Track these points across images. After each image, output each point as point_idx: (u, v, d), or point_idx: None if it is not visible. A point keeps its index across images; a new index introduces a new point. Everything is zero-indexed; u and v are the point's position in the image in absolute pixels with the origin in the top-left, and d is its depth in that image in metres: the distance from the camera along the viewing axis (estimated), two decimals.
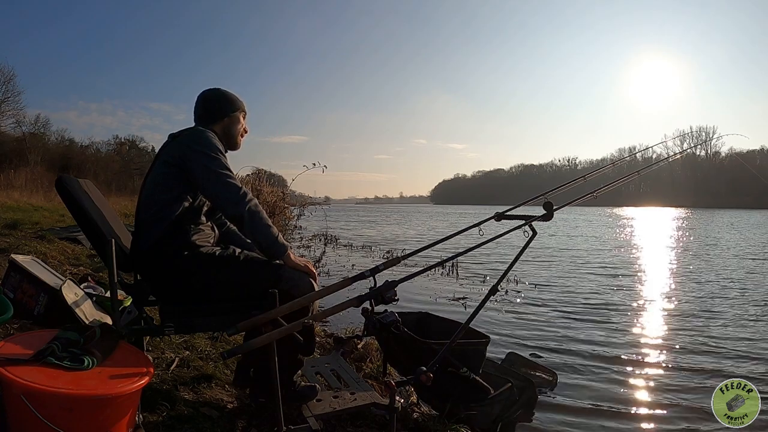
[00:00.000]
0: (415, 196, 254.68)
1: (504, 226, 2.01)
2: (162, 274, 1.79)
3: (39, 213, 8.55)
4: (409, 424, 2.17)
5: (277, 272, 1.81)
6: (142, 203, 1.84)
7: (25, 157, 25.15)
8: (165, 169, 1.82)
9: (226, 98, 2.03)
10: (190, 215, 1.84)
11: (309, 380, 2.17)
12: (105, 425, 1.31)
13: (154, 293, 1.84)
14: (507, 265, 1.92)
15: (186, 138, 1.84)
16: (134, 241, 1.84)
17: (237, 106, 2.05)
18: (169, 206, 1.79)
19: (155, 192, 1.81)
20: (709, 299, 6.24)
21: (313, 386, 2.03)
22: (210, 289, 1.80)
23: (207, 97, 2.03)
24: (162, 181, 1.81)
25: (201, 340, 2.70)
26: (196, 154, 1.77)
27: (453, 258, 2.13)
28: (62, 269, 3.75)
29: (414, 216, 39.38)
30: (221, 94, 2.04)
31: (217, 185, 1.76)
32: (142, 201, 1.85)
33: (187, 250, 1.79)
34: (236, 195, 1.75)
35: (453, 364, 2.14)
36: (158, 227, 1.77)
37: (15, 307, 2.26)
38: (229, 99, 2.04)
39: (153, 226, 1.78)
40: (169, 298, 1.81)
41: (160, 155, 1.87)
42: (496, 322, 4.85)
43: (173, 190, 1.80)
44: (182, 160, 1.79)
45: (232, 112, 2.03)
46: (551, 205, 1.87)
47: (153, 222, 1.78)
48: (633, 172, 2.69)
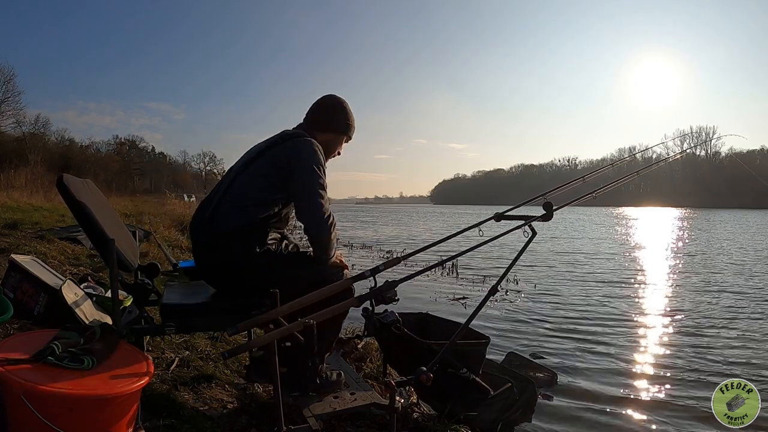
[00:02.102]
0: (415, 196, 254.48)
1: (504, 226, 2.01)
2: (224, 261, 1.83)
3: (39, 213, 8.54)
4: (409, 424, 2.17)
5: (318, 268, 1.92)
6: (234, 189, 1.87)
7: (25, 157, 25.19)
8: (271, 170, 1.86)
9: (344, 116, 2.06)
10: (275, 221, 1.91)
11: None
12: (105, 425, 1.31)
13: (204, 274, 1.91)
14: (507, 266, 1.92)
15: (299, 146, 1.87)
16: (208, 220, 1.86)
17: (347, 130, 2.09)
18: (259, 206, 1.85)
19: (251, 187, 1.86)
20: (710, 299, 6.24)
21: (339, 373, 2.12)
22: (264, 284, 1.81)
23: (329, 106, 2.06)
24: (262, 180, 1.86)
25: (201, 340, 2.70)
26: (304, 166, 1.83)
27: (453, 258, 2.13)
28: (62, 269, 3.75)
29: (414, 216, 39.36)
30: (344, 110, 2.07)
31: (311, 203, 1.83)
32: (233, 187, 1.87)
33: (259, 247, 1.84)
34: (322, 218, 1.83)
35: (453, 365, 2.14)
36: (241, 219, 1.82)
37: (15, 307, 2.26)
38: (346, 119, 2.07)
39: (236, 216, 1.82)
40: (216, 282, 1.90)
41: (266, 153, 1.89)
42: (496, 322, 4.85)
43: (269, 192, 1.86)
44: (289, 166, 1.84)
45: (341, 133, 2.07)
46: (551, 206, 1.87)
47: (239, 211, 1.82)
48: (633, 173, 2.70)
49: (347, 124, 2.08)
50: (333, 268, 1.97)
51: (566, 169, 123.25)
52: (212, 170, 66.42)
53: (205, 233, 1.87)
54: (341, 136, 2.08)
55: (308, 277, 1.92)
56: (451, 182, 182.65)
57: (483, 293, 4.64)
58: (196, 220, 1.95)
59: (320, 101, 2.07)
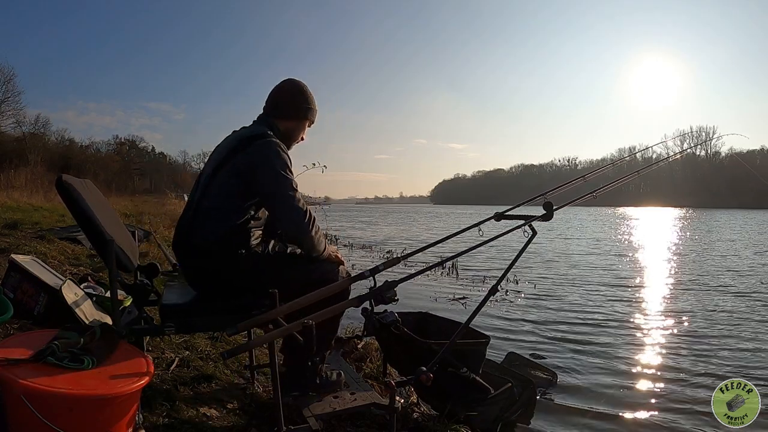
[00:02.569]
0: (415, 196, 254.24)
1: (504, 226, 2.01)
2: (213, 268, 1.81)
3: (39, 213, 8.54)
4: (409, 424, 2.17)
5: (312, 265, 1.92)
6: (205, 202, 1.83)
7: (25, 157, 25.18)
8: (234, 179, 1.80)
9: (304, 99, 1.98)
10: (253, 222, 1.88)
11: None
12: (105, 425, 1.31)
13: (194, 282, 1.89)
14: (507, 265, 1.92)
15: (261, 151, 1.80)
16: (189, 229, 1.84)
17: (309, 114, 2.01)
18: (233, 213, 1.81)
19: (220, 198, 1.82)
20: (710, 300, 6.24)
21: (339, 373, 2.13)
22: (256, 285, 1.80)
23: (286, 90, 1.98)
24: (230, 189, 1.81)
25: (201, 340, 2.70)
26: (270, 171, 1.77)
27: (453, 258, 2.13)
28: (62, 269, 3.75)
29: (414, 216, 39.35)
30: (302, 93, 1.98)
31: (284, 209, 1.79)
32: (205, 198, 1.84)
33: (244, 250, 1.82)
34: (302, 221, 1.79)
35: (453, 364, 2.14)
36: (219, 227, 1.80)
37: (15, 307, 2.26)
38: (306, 102, 1.99)
39: (212, 226, 1.80)
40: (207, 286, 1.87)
41: (230, 160, 1.82)
42: (496, 322, 4.85)
43: (239, 199, 1.81)
44: (252, 173, 1.78)
45: (303, 118, 2.00)
46: (551, 205, 1.87)
47: (213, 222, 1.80)
48: (633, 172, 2.69)
49: (308, 108, 1.99)
50: (327, 264, 1.95)
51: (566, 169, 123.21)
52: None
53: (187, 249, 1.85)
54: (303, 121, 2.01)
55: (300, 277, 1.90)
56: (451, 182, 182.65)
57: (483, 293, 4.64)
58: (177, 237, 1.90)
59: (279, 87, 1.99)
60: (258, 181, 1.79)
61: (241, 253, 1.82)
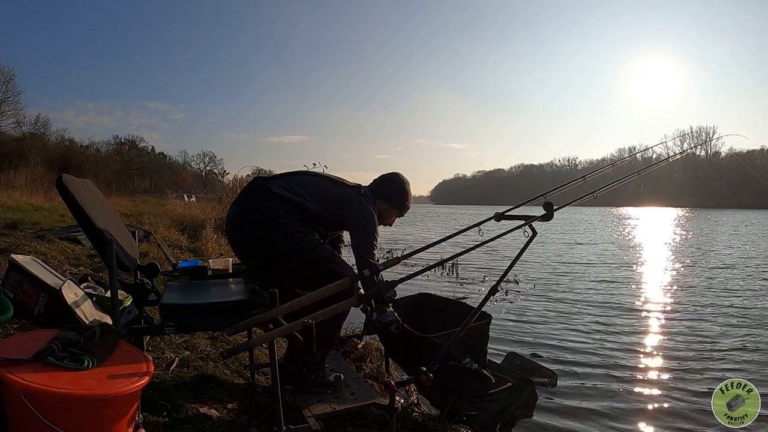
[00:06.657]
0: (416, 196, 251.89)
1: (504, 226, 2.01)
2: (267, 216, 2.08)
3: (39, 213, 8.53)
4: (409, 424, 2.17)
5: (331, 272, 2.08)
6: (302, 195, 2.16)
7: (25, 157, 25.15)
8: (329, 212, 2.20)
9: (404, 196, 2.38)
10: (319, 228, 2.24)
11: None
12: (105, 425, 1.31)
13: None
14: (507, 265, 1.92)
15: (359, 213, 2.17)
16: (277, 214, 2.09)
17: (402, 209, 2.41)
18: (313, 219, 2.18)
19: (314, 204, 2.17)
20: (711, 300, 6.24)
21: (339, 375, 2.18)
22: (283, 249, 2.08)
23: (395, 182, 2.38)
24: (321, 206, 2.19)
25: (201, 340, 2.70)
26: (360, 230, 2.14)
27: (453, 258, 2.13)
28: (62, 269, 3.74)
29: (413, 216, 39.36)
30: (405, 191, 2.39)
31: (365, 248, 2.12)
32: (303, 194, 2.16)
33: (302, 227, 2.13)
34: (372, 262, 2.09)
35: (455, 358, 2.15)
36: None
37: (15, 307, 2.26)
38: (404, 198, 2.39)
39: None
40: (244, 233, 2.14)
41: (340, 199, 2.21)
42: (496, 322, 4.85)
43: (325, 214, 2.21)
44: (344, 222, 2.21)
45: (397, 208, 2.39)
46: (551, 206, 1.87)
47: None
48: (633, 173, 2.69)
49: (405, 202, 2.39)
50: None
51: (566, 169, 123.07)
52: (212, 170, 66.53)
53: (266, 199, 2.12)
54: (396, 210, 2.39)
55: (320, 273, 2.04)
56: (451, 182, 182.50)
57: (483, 293, 4.64)
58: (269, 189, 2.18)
59: (390, 177, 2.39)
60: (349, 229, 2.25)
61: (298, 225, 2.10)
